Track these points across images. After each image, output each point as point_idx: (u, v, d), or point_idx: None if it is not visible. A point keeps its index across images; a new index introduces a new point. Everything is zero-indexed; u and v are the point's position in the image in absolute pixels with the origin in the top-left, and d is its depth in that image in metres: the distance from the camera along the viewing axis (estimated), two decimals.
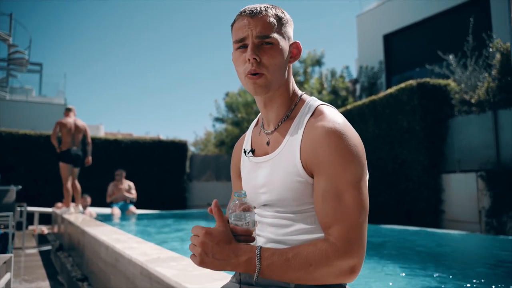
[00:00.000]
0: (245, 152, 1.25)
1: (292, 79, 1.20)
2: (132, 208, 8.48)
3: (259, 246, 1.00)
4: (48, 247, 6.63)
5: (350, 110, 9.19)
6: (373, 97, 8.72)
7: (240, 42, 1.10)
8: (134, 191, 8.72)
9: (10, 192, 6.04)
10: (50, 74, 24.23)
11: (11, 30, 11.86)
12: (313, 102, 1.15)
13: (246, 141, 1.30)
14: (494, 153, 6.73)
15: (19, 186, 6.77)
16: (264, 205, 1.17)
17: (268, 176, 1.13)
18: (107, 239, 3.34)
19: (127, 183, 8.72)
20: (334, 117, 1.06)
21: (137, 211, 8.75)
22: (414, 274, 3.56)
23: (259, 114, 1.30)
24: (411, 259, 4.35)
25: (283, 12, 1.14)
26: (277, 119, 1.17)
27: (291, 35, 1.16)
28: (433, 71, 9.56)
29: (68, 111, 6.98)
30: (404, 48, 13.77)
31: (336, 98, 14.39)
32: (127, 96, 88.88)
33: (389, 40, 14.08)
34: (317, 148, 1.02)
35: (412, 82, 7.65)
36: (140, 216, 8.55)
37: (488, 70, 7.67)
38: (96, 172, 10.70)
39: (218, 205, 1.03)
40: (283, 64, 1.12)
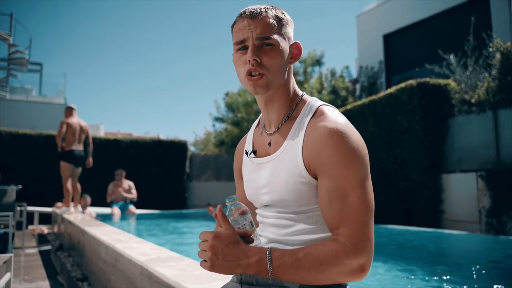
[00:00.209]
0: (247, 153, 1.25)
1: (293, 80, 1.20)
2: (132, 208, 8.48)
3: (269, 247, 1.00)
4: (48, 247, 6.63)
5: (350, 110, 9.19)
6: (373, 97, 8.72)
7: (241, 44, 1.10)
8: (134, 191, 8.72)
9: (10, 192, 6.04)
10: (50, 74, 24.27)
11: (11, 30, 11.86)
12: (314, 103, 1.15)
13: (248, 142, 1.29)
14: (494, 153, 6.73)
15: (19, 186, 6.77)
16: (266, 206, 1.18)
17: (270, 177, 1.13)
18: (107, 239, 3.35)
19: (127, 183, 8.72)
20: (336, 118, 1.06)
21: (137, 211, 8.76)
22: (414, 274, 3.56)
23: (260, 115, 1.30)
24: (411, 259, 4.35)
25: (283, 13, 1.14)
26: (278, 120, 1.17)
27: (292, 36, 1.16)
28: (433, 71, 9.55)
29: (72, 111, 6.93)
30: (404, 48, 13.77)
31: (336, 98, 14.39)
32: (127, 96, 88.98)
33: (389, 40, 14.08)
34: (320, 149, 1.02)
35: (412, 82, 7.65)
36: (140, 216, 8.55)
37: (488, 70, 7.67)
38: (96, 172, 10.69)
39: (222, 210, 1.03)
40: (284, 65, 1.12)
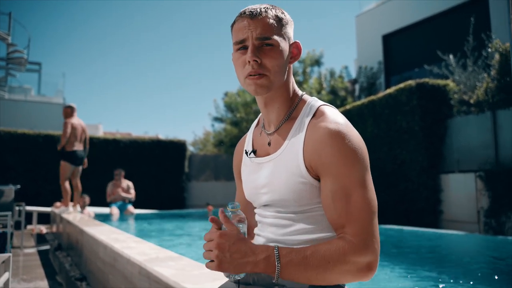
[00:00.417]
0: (247, 153, 1.25)
1: (293, 79, 1.19)
2: (131, 208, 8.47)
3: (276, 245, 0.99)
4: (47, 247, 6.62)
5: (349, 110, 9.19)
6: (372, 97, 8.73)
7: (240, 44, 1.10)
8: (133, 191, 8.71)
9: (9, 192, 6.03)
10: (49, 74, 24.19)
11: (10, 29, 11.82)
12: (315, 103, 1.15)
13: (247, 142, 1.29)
14: (493, 153, 6.74)
15: (18, 186, 6.76)
16: (265, 205, 1.17)
17: (270, 177, 1.13)
18: (106, 239, 3.34)
19: (126, 183, 8.72)
20: (336, 118, 1.06)
21: (136, 211, 8.75)
22: (413, 274, 3.57)
23: (260, 115, 1.30)
24: (410, 259, 4.36)
25: (283, 13, 1.13)
26: (278, 120, 1.17)
27: (291, 35, 1.15)
28: (432, 72, 9.57)
29: (73, 110, 6.90)
30: (403, 49, 13.78)
31: (335, 98, 14.40)
32: (126, 96, 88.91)
33: (388, 40, 14.09)
34: (321, 150, 1.02)
35: (411, 83, 7.65)
36: (139, 216, 8.55)
37: (487, 71, 7.68)
38: (95, 172, 10.67)
39: (224, 213, 1.03)
40: (284, 65, 1.11)
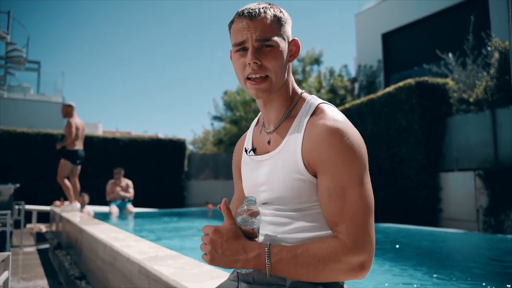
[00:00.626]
0: (246, 151, 1.25)
1: (292, 78, 1.19)
2: (130, 207, 8.47)
3: (268, 243, 1.00)
4: (46, 246, 6.62)
5: (349, 109, 9.19)
6: (372, 96, 8.73)
7: (240, 45, 1.09)
8: (132, 190, 8.71)
9: (8, 190, 6.02)
10: (48, 73, 24.15)
11: (9, 28, 11.80)
12: (314, 101, 1.15)
13: (247, 140, 1.29)
14: (492, 152, 6.74)
15: (17, 184, 6.75)
16: (264, 203, 1.17)
17: (269, 174, 1.13)
18: (105, 237, 3.34)
19: (126, 182, 8.72)
20: (335, 116, 1.06)
21: (135, 210, 8.76)
22: (412, 273, 3.57)
23: (260, 113, 1.29)
24: (409, 258, 4.36)
25: (282, 11, 1.12)
26: (278, 118, 1.17)
27: (290, 34, 1.15)
28: (431, 70, 9.57)
29: (73, 109, 6.89)
30: (403, 47, 13.77)
31: (335, 97, 14.40)
32: (126, 95, 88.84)
33: (388, 39, 14.08)
34: (319, 147, 1.02)
35: (411, 81, 7.65)
36: (138, 215, 8.55)
37: (487, 69, 7.68)
38: (95, 171, 10.70)
39: (227, 204, 1.03)
40: (284, 65, 1.11)
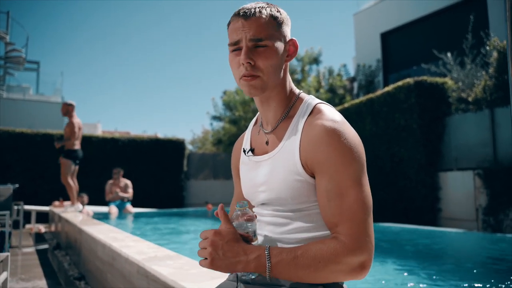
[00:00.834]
0: (245, 151, 1.25)
1: (289, 78, 1.18)
2: (129, 207, 8.46)
3: (268, 245, 1.00)
4: (45, 246, 6.61)
5: (348, 108, 9.20)
6: (371, 95, 8.73)
7: (235, 45, 1.09)
8: (131, 190, 8.70)
9: (7, 191, 6.01)
10: (47, 73, 24.18)
11: (8, 28, 11.81)
12: (311, 101, 1.14)
13: (246, 140, 1.29)
14: (491, 151, 6.75)
15: (16, 185, 6.74)
16: (263, 204, 1.17)
17: (268, 175, 1.13)
18: (104, 238, 3.34)
19: (125, 182, 8.71)
20: (333, 116, 1.06)
21: (134, 210, 8.75)
22: (412, 272, 3.57)
23: (258, 113, 1.29)
24: (409, 257, 4.36)
25: (279, 11, 1.12)
26: (276, 118, 1.17)
27: (288, 33, 1.14)
28: (430, 70, 9.57)
29: (73, 109, 6.88)
30: (402, 47, 13.78)
31: (334, 96, 14.40)
32: (125, 95, 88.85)
33: (387, 38, 14.09)
34: (317, 148, 1.02)
35: (410, 80, 7.66)
36: (137, 215, 8.54)
37: (485, 68, 7.69)
38: (94, 171, 10.69)
39: (224, 208, 1.04)
40: (279, 65, 1.10)
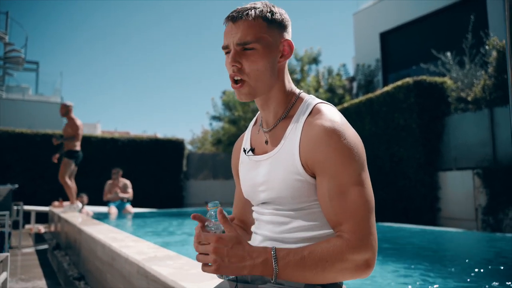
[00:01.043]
0: (245, 151, 1.25)
1: (289, 78, 1.17)
2: (129, 207, 8.46)
3: (274, 247, 0.98)
4: (45, 246, 6.61)
5: (347, 108, 9.20)
6: (370, 95, 8.74)
7: (226, 49, 1.10)
8: (130, 190, 8.70)
9: (7, 191, 6.01)
10: (47, 73, 24.10)
11: (7, 29, 11.82)
12: (311, 101, 1.14)
13: (245, 140, 1.29)
14: (491, 151, 6.75)
15: (16, 185, 6.74)
16: (263, 203, 1.17)
17: (268, 175, 1.13)
18: (104, 238, 3.33)
19: (124, 182, 8.70)
20: (332, 116, 1.05)
21: (134, 210, 8.74)
22: (411, 272, 3.58)
23: (258, 113, 1.29)
24: (408, 257, 4.37)
25: (272, 11, 1.09)
26: (275, 118, 1.16)
27: (283, 33, 1.12)
28: (429, 69, 9.58)
29: (72, 110, 6.87)
30: (401, 46, 13.78)
31: (333, 96, 14.39)
32: (124, 95, 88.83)
33: (386, 38, 14.09)
34: (317, 148, 1.02)
35: (409, 80, 7.66)
36: (137, 215, 8.54)
37: (485, 68, 7.69)
38: (93, 171, 10.69)
39: (224, 213, 1.01)
40: (267, 68, 1.08)
